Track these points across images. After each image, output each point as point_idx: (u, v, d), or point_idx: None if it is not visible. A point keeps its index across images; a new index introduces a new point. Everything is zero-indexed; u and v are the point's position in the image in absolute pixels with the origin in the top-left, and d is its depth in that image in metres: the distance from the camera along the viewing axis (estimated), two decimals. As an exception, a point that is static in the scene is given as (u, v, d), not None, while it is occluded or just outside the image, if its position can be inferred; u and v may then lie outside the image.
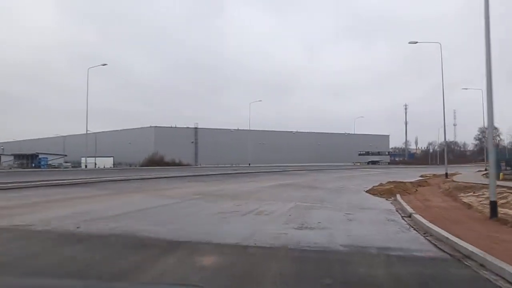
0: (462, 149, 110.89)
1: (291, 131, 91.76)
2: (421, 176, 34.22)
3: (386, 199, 14.60)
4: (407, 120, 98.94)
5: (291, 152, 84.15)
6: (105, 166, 54.88)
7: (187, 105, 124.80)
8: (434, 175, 34.15)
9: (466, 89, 38.82)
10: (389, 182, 21.45)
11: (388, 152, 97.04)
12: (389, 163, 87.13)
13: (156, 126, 76.87)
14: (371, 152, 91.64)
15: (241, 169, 41.11)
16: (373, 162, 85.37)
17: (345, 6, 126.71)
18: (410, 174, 34.71)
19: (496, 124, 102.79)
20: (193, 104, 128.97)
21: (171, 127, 78.42)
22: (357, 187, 20.46)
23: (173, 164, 60.51)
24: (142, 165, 56.32)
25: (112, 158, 62.29)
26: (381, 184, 19.94)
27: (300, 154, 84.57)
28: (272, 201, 12.77)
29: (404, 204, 11.78)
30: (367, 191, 17.40)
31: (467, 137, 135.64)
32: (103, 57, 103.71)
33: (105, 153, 61.97)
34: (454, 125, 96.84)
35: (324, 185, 21.33)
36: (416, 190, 18.21)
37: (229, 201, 12.66)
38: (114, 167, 55.82)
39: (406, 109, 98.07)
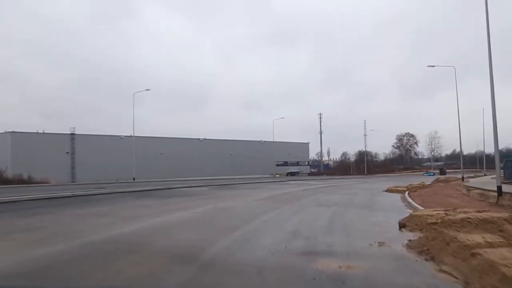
0: (374, 158, 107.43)
1: (198, 139, 77.38)
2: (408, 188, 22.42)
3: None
4: (321, 129, 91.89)
5: (198, 163, 69.97)
6: None
7: (93, 119, 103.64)
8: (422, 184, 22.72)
9: (433, 66, 27.71)
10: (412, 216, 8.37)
11: (308, 162, 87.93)
12: (309, 174, 77.65)
13: (13, 132, 55.86)
14: (289, 162, 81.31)
15: (104, 189, 25.16)
16: (293, 174, 74.99)
17: (263, 13, 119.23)
18: (370, 189, 22.79)
19: (412, 132, 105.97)
20: (101, 117, 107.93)
21: (37, 132, 58.14)
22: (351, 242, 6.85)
23: (31, 182, 41.46)
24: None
25: None
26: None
27: (208, 166, 71.00)
28: None
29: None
30: None
31: (376, 147, 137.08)
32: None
33: None
34: (365, 135, 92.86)
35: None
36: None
37: None
38: None
39: (320, 118, 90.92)
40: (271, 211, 11.31)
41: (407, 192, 20.64)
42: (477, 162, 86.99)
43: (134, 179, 45.02)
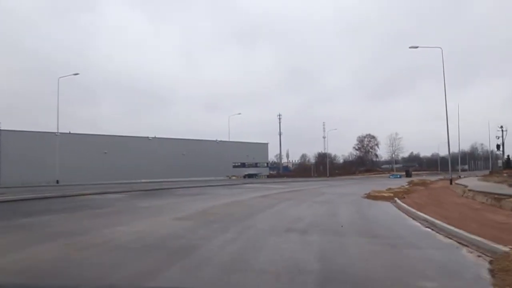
0: (334, 160, 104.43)
1: (147, 137, 69.61)
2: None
3: None
4: (281, 131, 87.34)
5: (146, 164, 62.63)
6: None
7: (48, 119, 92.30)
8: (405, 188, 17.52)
9: (416, 47, 22.71)
10: None
11: (267, 164, 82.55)
12: (268, 176, 72.26)
13: None
14: (247, 164, 75.48)
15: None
16: (250, 176, 69.20)
17: (227, 13, 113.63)
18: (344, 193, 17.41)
19: (374, 133, 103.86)
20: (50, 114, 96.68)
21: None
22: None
23: None
24: None
25: None
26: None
27: (157, 167, 63.74)
28: None
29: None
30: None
31: (335, 150, 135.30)
32: None
33: None
34: (324, 137, 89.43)
35: None
36: None
37: None
38: None
39: (280, 118, 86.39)
40: (181, 260, 5.17)
41: (397, 199, 15.41)
42: (438, 165, 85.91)
43: (57, 181, 37.03)
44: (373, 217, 10.20)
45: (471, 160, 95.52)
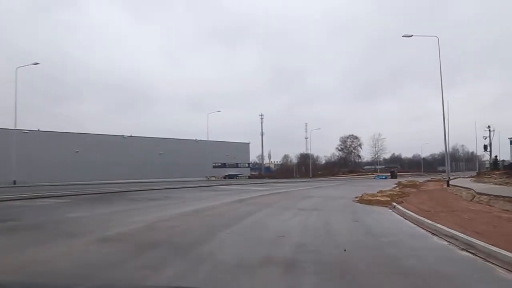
0: (316, 161, 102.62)
1: (122, 135, 65.88)
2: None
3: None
4: (263, 131, 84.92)
5: (120, 164, 59.39)
6: None
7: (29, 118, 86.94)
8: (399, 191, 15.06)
9: (410, 36, 20.31)
10: None
11: (248, 164, 79.82)
12: (249, 177, 69.56)
13: None
14: (228, 164, 72.60)
15: None
16: (231, 176, 66.35)
17: (211, 11, 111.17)
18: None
19: (357, 134, 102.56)
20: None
21: None
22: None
23: None
24: None
25: None
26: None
27: (133, 167, 60.48)
28: None
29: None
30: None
31: (317, 150, 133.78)
32: None
33: None
34: (306, 138, 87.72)
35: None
36: None
37: None
38: None
39: (262, 118, 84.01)
40: None
41: (396, 204, 12.97)
42: (421, 166, 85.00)
43: (14, 182, 33.26)
44: (381, 232, 7.60)
45: (452, 161, 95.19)
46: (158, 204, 13.11)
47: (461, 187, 18.51)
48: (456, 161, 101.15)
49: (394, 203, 13.70)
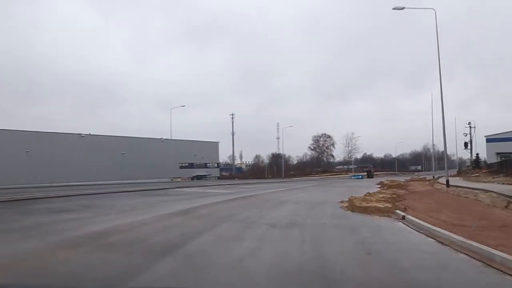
0: (288, 161, 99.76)
1: (79, 134, 60.16)
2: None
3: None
4: (234, 131, 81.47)
5: (76, 165, 54.05)
6: None
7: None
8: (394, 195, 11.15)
9: (402, 8, 16.89)
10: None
11: (218, 164, 75.65)
12: (219, 178, 65.51)
13: None
14: (196, 164, 68.19)
15: None
16: (199, 177, 62.11)
17: (180, 9, 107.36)
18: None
19: (329, 133, 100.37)
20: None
21: None
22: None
23: None
24: None
25: None
26: None
27: (91, 168, 55.21)
28: None
29: None
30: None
31: (289, 150, 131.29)
32: None
33: None
34: (277, 138, 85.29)
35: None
36: None
37: None
38: None
39: (233, 118, 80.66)
40: None
41: (402, 213, 9.47)
42: (396, 165, 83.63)
43: None
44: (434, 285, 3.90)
45: (425, 160, 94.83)
46: (52, 221, 8.78)
47: (468, 188, 15.32)
48: (428, 160, 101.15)
49: (399, 211, 10.21)
